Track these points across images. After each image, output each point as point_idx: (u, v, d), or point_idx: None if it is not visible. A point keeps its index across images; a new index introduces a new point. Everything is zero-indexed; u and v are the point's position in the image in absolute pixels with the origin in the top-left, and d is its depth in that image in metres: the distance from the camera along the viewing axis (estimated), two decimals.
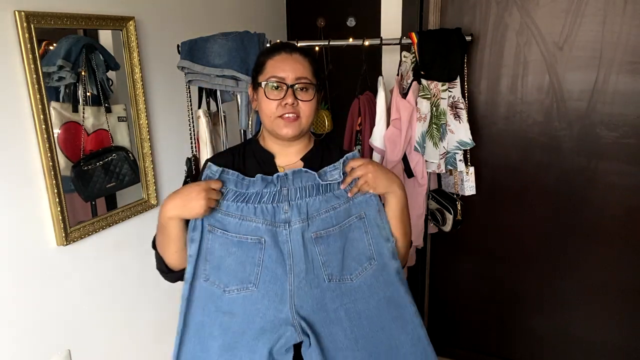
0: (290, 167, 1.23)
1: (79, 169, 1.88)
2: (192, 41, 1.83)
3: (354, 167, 1.15)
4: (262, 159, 1.24)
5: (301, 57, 1.19)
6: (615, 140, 1.94)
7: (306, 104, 1.16)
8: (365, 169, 1.13)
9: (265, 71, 1.18)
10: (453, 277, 2.38)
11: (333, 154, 1.27)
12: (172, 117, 2.33)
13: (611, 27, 1.85)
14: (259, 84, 1.19)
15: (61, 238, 1.80)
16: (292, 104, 1.14)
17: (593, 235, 2.06)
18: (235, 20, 2.74)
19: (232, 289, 1.14)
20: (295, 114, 1.16)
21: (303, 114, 1.17)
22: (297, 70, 1.16)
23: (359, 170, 1.14)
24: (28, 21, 1.61)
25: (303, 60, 1.18)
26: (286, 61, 1.17)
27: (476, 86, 2.09)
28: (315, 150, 1.26)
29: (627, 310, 2.09)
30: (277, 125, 1.17)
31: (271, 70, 1.17)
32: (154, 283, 2.32)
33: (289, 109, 1.15)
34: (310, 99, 1.17)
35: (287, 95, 1.15)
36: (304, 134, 1.21)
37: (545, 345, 2.28)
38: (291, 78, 1.15)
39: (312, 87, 1.17)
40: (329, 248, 1.14)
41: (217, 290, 1.15)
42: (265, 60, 1.20)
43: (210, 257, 1.15)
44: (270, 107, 1.16)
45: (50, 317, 1.85)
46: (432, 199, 2.08)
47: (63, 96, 1.83)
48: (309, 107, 1.17)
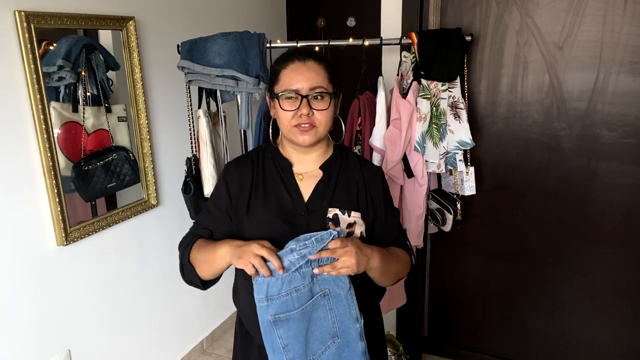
0: (309, 175, 1.23)
1: (79, 169, 1.88)
2: (192, 41, 1.83)
3: (334, 248, 1.08)
4: (281, 167, 1.25)
5: (315, 64, 1.17)
6: (615, 140, 1.94)
7: (322, 112, 1.15)
8: (345, 253, 1.06)
9: (281, 82, 1.18)
10: (453, 277, 2.38)
11: (351, 159, 1.27)
12: (172, 117, 2.33)
13: (611, 27, 1.85)
14: (276, 94, 1.18)
15: (61, 238, 1.81)
16: (307, 114, 1.14)
17: (593, 235, 2.06)
18: (235, 20, 2.74)
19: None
20: (310, 124, 1.15)
21: (319, 123, 1.16)
22: (311, 80, 1.15)
23: (339, 253, 1.06)
24: (28, 21, 1.61)
25: (317, 68, 1.17)
26: (299, 70, 1.16)
27: (476, 86, 2.09)
28: (333, 158, 1.26)
29: (627, 310, 2.09)
30: (293, 133, 1.17)
31: (286, 82, 1.16)
32: (154, 283, 2.33)
33: (304, 119, 1.15)
34: (326, 108, 1.16)
35: (301, 105, 1.14)
36: (321, 140, 1.21)
37: (545, 345, 2.28)
38: (305, 88, 1.14)
39: (327, 95, 1.16)
40: (289, 332, 1.09)
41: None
42: (279, 70, 1.19)
43: None
44: (286, 117, 1.16)
45: (50, 317, 1.85)
46: (432, 199, 2.08)
47: (63, 96, 1.83)
48: (324, 115, 1.16)
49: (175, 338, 2.49)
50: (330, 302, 1.10)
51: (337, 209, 1.19)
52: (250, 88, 1.81)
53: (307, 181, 1.23)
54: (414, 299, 2.32)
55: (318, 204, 1.20)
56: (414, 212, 1.97)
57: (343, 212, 1.19)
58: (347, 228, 1.19)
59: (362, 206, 1.22)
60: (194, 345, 2.61)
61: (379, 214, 1.25)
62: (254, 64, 1.80)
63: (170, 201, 2.35)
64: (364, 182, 1.25)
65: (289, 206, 1.20)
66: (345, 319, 1.11)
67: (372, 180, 1.26)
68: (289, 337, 1.09)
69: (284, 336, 1.09)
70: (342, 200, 1.20)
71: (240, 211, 1.21)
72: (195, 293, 2.52)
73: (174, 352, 2.49)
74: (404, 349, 2.37)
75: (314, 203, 1.20)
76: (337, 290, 1.10)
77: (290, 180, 1.23)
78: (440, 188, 2.14)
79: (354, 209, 1.20)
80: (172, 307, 2.45)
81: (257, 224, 1.19)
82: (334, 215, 1.18)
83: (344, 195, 1.21)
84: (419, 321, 2.44)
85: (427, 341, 2.52)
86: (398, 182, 1.94)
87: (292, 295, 1.07)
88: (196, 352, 2.63)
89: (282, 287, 1.06)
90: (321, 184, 1.22)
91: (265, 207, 1.19)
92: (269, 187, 1.22)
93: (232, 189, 1.24)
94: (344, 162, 1.27)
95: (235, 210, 1.22)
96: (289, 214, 1.19)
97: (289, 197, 1.20)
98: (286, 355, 1.10)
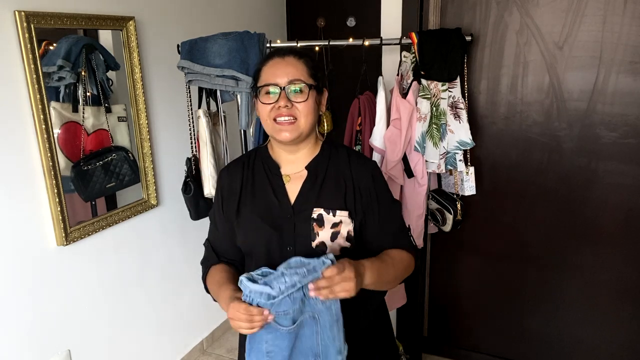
0: (296, 175, 1.22)
1: (79, 169, 1.88)
2: (192, 41, 1.83)
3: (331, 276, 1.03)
4: (270, 169, 1.25)
5: (294, 59, 1.18)
6: (615, 140, 1.94)
7: (302, 104, 1.15)
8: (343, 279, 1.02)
9: (261, 78, 1.20)
10: (453, 277, 2.38)
11: (340, 156, 1.25)
12: (172, 117, 2.33)
13: (611, 27, 1.85)
14: (257, 90, 1.20)
15: (61, 238, 1.80)
16: (285, 106, 1.14)
17: (593, 235, 2.06)
18: (235, 20, 2.74)
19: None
20: (292, 117, 1.15)
21: (300, 114, 1.15)
22: (289, 74, 1.16)
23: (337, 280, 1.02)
24: (28, 21, 1.61)
25: (296, 63, 1.18)
26: (278, 65, 1.17)
27: (476, 86, 2.09)
28: (320, 157, 1.24)
29: (627, 310, 2.09)
30: (276, 130, 1.17)
31: (265, 77, 1.18)
32: (154, 283, 2.33)
33: (284, 112, 1.14)
34: (305, 100, 1.16)
35: (280, 98, 1.15)
36: (304, 136, 1.19)
37: (545, 345, 2.28)
38: (284, 81, 1.15)
39: (307, 87, 1.16)
40: (276, 340, 1.07)
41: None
42: (260, 68, 1.21)
43: None
44: (265, 110, 1.17)
45: (50, 317, 1.85)
46: (432, 199, 2.08)
47: (63, 96, 1.83)
48: (305, 107, 1.15)
49: (175, 338, 2.49)
50: (318, 325, 1.09)
51: (321, 208, 1.17)
52: (250, 88, 1.82)
53: (295, 182, 1.22)
54: (414, 299, 2.32)
55: (304, 205, 1.19)
56: (414, 212, 1.97)
57: (328, 212, 1.17)
58: (331, 228, 1.17)
59: (350, 204, 1.19)
60: (194, 345, 2.61)
61: (371, 209, 1.22)
62: (254, 64, 1.80)
63: (170, 201, 2.35)
64: (352, 179, 1.21)
65: (275, 209, 1.20)
66: (330, 349, 1.10)
67: (361, 175, 1.22)
68: (275, 345, 1.08)
69: (270, 342, 1.08)
70: (328, 200, 1.19)
71: (230, 216, 1.23)
72: (195, 293, 2.52)
73: (174, 352, 2.49)
74: (404, 349, 2.37)
75: (299, 204, 1.19)
76: (326, 317, 1.08)
77: (278, 182, 1.22)
78: (440, 188, 2.14)
79: (340, 208, 1.18)
80: (172, 307, 2.45)
81: (245, 230, 1.20)
82: (319, 215, 1.17)
83: (330, 194, 1.19)
84: (419, 321, 2.44)
85: (427, 341, 2.52)
86: (398, 182, 1.94)
87: (280, 317, 1.05)
88: (196, 352, 2.63)
89: (270, 309, 1.04)
90: (306, 184, 1.21)
91: (252, 212, 1.20)
92: (257, 191, 1.23)
93: (224, 195, 1.25)
94: (333, 159, 1.24)
95: (227, 215, 1.24)
96: (275, 217, 1.19)
97: (276, 200, 1.20)
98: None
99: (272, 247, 1.18)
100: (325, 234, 1.16)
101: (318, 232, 1.16)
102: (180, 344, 2.53)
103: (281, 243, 1.17)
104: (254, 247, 1.21)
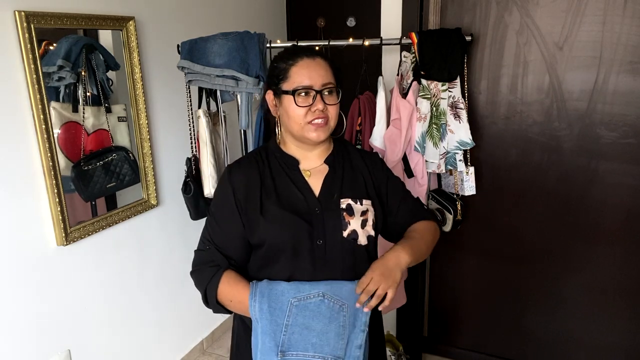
0: (316, 170, 1.25)
1: (79, 169, 1.88)
2: (192, 41, 1.83)
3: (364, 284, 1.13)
4: (286, 164, 1.26)
5: (323, 61, 1.21)
6: (615, 140, 1.94)
7: (333, 107, 1.20)
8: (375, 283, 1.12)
9: (291, 79, 1.19)
10: (453, 277, 2.38)
11: (350, 150, 1.32)
12: (172, 117, 2.33)
13: (611, 27, 1.85)
14: (286, 91, 1.19)
15: (61, 238, 1.81)
16: (321, 109, 1.17)
17: (593, 235, 2.06)
18: (235, 20, 2.74)
19: None
20: (325, 119, 1.19)
21: (331, 116, 1.20)
22: (322, 76, 1.18)
23: (372, 285, 1.12)
24: (28, 21, 1.61)
25: (325, 65, 1.21)
26: (311, 67, 1.19)
27: (476, 86, 2.09)
28: (336, 152, 1.29)
29: (627, 310, 2.09)
30: (307, 130, 1.19)
31: (298, 79, 1.18)
32: (154, 283, 2.33)
33: (319, 114, 1.17)
34: (337, 102, 1.21)
35: (316, 101, 1.17)
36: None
37: (545, 346, 2.28)
38: (319, 84, 1.17)
39: (336, 90, 1.21)
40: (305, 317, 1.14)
41: None
42: (288, 67, 1.20)
43: None
44: (299, 114, 1.17)
45: (50, 317, 1.85)
46: (432, 199, 2.08)
47: (63, 96, 1.83)
48: (335, 110, 1.21)
49: (175, 338, 2.49)
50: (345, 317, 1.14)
51: (349, 199, 1.22)
52: (250, 88, 1.81)
53: (315, 177, 1.25)
54: (414, 299, 2.32)
55: (329, 197, 1.22)
56: None
57: (355, 202, 1.22)
58: (361, 216, 1.21)
59: (371, 193, 1.27)
60: (194, 345, 2.61)
61: (390, 197, 1.30)
62: (254, 64, 1.80)
63: (170, 201, 2.35)
64: (368, 171, 1.29)
65: (302, 203, 1.21)
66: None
67: (375, 167, 1.31)
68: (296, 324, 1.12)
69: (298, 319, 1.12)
70: (352, 191, 1.24)
71: (252, 213, 1.19)
72: (195, 293, 2.52)
73: (174, 352, 2.49)
74: (404, 349, 2.37)
75: (325, 197, 1.22)
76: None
77: (298, 177, 1.24)
78: (440, 188, 2.14)
79: (364, 197, 1.24)
80: (172, 307, 2.45)
81: (274, 224, 1.18)
82: (347, 205, 1.21)
83: (352, 185, 1.25)
84: (419, 321, 2.44)
85: (427, 341, 2.52)
86: None
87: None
88: (196, 352, 2.63)
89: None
90: (329, 177, 1.25)
91: (279, 207, 1.19)
92: (279, 186, 1.23)
93: (239, 191, 1.22)
94: (346, 154, 1.31)
95: (246, 212, 1.20)
96: (303, 211, 1.20)
97: (300, 194, 1.21)
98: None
99: (302, 240, 1.17)
100: (356, 223, 1.20)
101: (349, 221, 1.20)
102: (180, 344, 2.53)
103: (311, 236, 1.18)
104: (282, 242, 1.18)
